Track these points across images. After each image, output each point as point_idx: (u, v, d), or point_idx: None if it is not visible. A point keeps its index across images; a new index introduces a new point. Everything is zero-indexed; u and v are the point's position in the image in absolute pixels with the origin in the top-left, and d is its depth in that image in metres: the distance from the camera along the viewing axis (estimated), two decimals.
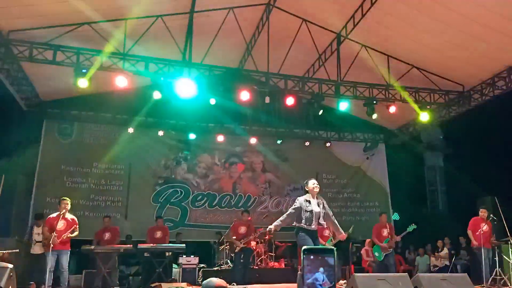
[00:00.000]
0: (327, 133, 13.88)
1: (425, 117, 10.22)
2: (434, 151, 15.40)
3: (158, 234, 9.28)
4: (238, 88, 9.43)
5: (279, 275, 9.73)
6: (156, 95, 9.08)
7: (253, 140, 12.98)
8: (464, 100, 10.60)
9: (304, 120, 12.00)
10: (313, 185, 5.85)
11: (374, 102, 10.05)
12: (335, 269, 3.42)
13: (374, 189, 14.10)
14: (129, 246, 8.82)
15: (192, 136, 12.44)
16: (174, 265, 9.53)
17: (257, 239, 9.91)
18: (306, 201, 5.75)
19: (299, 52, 10.31)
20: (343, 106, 10.07)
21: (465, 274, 5.76)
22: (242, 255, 8.90)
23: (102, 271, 8.38)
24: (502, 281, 7.72)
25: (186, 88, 8.68)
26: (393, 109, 10.32)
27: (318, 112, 10.05)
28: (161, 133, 12.23)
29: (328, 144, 13.59)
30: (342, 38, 9.90)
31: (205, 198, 12.90)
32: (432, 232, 11.70)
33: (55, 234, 6.92)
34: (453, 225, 11.26)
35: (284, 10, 9.64)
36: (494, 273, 7.80)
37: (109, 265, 8.49)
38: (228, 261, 9.99)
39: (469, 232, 8.43)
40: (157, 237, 9.23)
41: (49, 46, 8.53)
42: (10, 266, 5.26)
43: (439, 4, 7.86)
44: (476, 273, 8.03)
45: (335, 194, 13.75)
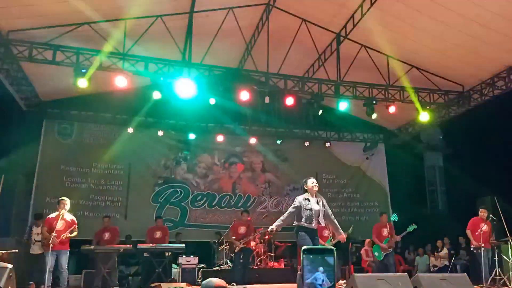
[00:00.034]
0: (327, 133, 13.88)
1: (425, 117, 10.23)
2: (433, 151, 15.37)
3: (157, 234, 9.28)
4: (238, 88, 9.44)
5: (279, 275, 9.74)
6: (155, 95, 9.09)
7: (252, 140, 12.98)
8: (464, 100, 10.61)
9: (303, 120, 12.01)
10: (312, 184, 5.85)
11: (374, 102, 10.06)
12: (335, 269, 3.41)
13: (373, 189, 14.11)
14: (128, 246, 8.82)
15: (191, 136, 12.44)
16: (173, 265, 9.53)
17: (257, 239, 9.92)
18: (305, 199, 5.76)
19: (299, 52, 10.32)
20: (343, 106, 10.09)
21: (465, 274, 5.77)
22: (241, 255, 8.90)
23: (102, 271, 8.39)
24: (502, 281, 7.71)
25: (185, 88, 8.68)
26: (392, 109, 10.33)
27: (317, 112, 10.06)
28: (160, 133, 12.24)
29: (327, 144, 13.60)
30: (341, 38, 9.91)
31: (205, 198, 12.90)
32: (432, 232, 11.69)
33: (54, 234, 6.91)
34: (453, 225, 11.24)
35: (283, 10, 9.65)
36: (494, 273, 7.79)
37: (108, 265, 8.50)
38: (228, 261, 9.99)
39: (468, 232, 8.41)
40: (156, 237, 9.22)
41: (49, 46, 8.53)
42: (10, 266, 5.25)
43: (438, 4, 7.87)
44: (476, 273, 8.03)
45: (335, 194, 13.75)
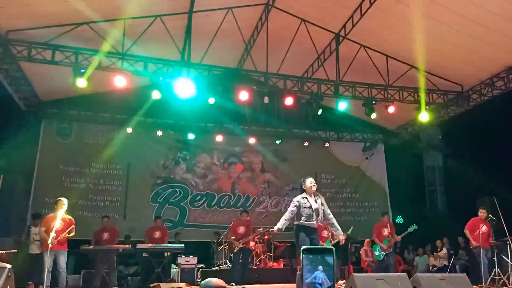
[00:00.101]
0: (326, 133, 13.88)
1: (425, 117, 10.22)
2: (433, 151, 15.37)
3: (157, 234, 9.28)
4: (237, 88, 9.42)
5: (278, 275, 9.73)
6: (155, 95, 9.07)
7: (252, 140, 12.97)
8: (463, 100, 10.61)
9: (303, 120, 12.01)
10: (310, 184, 5.86)
11: (373, 102, 10.05)
12: (335, 269, 3.40)
13: (373, 189, 14.10)
14: (127, 246, 8.80)
15: (191, 136, 12.43)
16: (173, 265, 9.52)
17: (256, 239, 9.91)
18: (304, 198, 5.78)
19: (298, 52, 10.30)
20: (342, 106, 10.09)
21: (464, 274, 5.76)
22: (241, 255, 8.89)
23: (101, 271, 8.38)
24: (501, 281, 7.71)
25: (185, 88, 8.66)
26: (392, 109, 10.31)
27: (317, 112, 10.05)
28: (160, 133, 12.23)
29: (327, 144, 13.60)
30: (341, 38, 9.90)
31: (204, 198, 12.89)
32: (431, 232, 11.68)
33: (53, 234, 6.90)
34: (452, 225, 11.22)
35: (283, 10, 9.64)
36: (493, 273, 7.80)
37: (107, 265, 8.48)
38: (227, 261, 9.99)
39: (466, 232, 8.40)
40: (156, 237, 9.22)
41: (48, 46, 8.52)
42: (8, 266, 5.23)
43: (438, 4, 7.87)
44: (475, 273, 8.03)
45: (334, 194, 13.75)
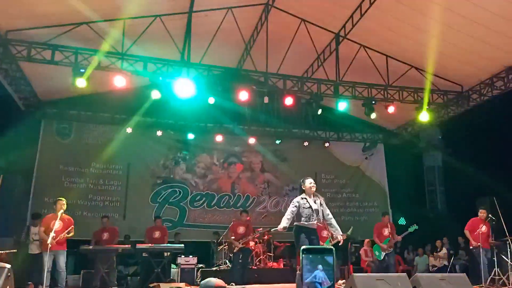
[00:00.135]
0: (326, 133, 13.88)
1: (425, 117, 10.21)
2: (432, 151, 15.37)
3: (156, 234, 9.28)
4: (237, 88, 9.42)
5: (278, 275, 9.73)
6: (154, 95, 9.06)
7: (252, 140, 12.97)
8: (463, 100, 10.61)
9: (303, 120, 12.00)
10: (310, 184, 5.85)
11: (373, 102, 10.05)
12: (334, 269, 3.40)
13: (373, 189, 14.10)
14: (127, 246, 8.81)
15: (190, 136, 12.42)
16: (172, 265, 9.52)
17: (256, 239, 9.91)
18: (303, 199, 5.78)
19: (298, 52, 10.29)
20: (342, 106, 10.08)
21: (464, 274, 5.75)
22: (240, 255, 8.89)
23: (100, 271, 8.38)
24: (501, 281, 7.71)
25: (184, 88, 8.65)
26: (391, 109, 10.30)
27: (317, 112, 10.04)
28: (159, 133, 12.22)
29: (327, 144, 13.59)
30: (340, 38, 9.90)
31: (204, 198, 12.88)
32: (431, 232, 11.68)
33: (53, 234, 6.89)
34: (452, 225, 11.22)
35: (282, 10, 9.63)
36: (493, 273, 7.80)
37: (107, 265, 8.48)
38: (227, 261, 9.99)
39: (466, 232, 8.41)
40: (155, 237, 9.21)
41: (47, 46, 8.51)
42: (8, 266, 5.23)
43: (437, 4, 7.86)
44: (475, 273, 8.03)
45: (334, 194, 13.75)
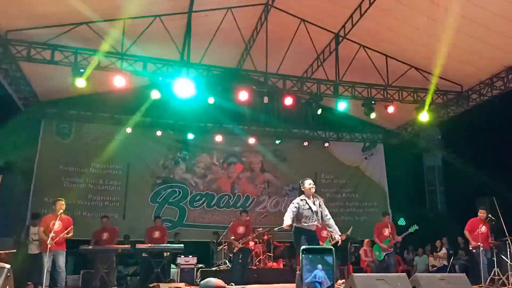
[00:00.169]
0: (326, 133, 13.87)
1: (425, 117, 10.22)
2: (432, 151, 15.37)
3: (156, 234, 9.27)
4: (237, 88, 9.42)
5: (278, 275, 9.73)
6: (154, 95, 9.07)
7: (251, 140, 12.96)
8: (463, 100, 10.61)
9: (302, 120, 12.02)
10: (309, 185, 5.85)
11: (373, 102, 10.05)
12: (334, 269, 3.40)
13: (372, 189, 14.10)
14: (127, 246, 8.81)
15: (190, 136, 12.42)
16: (172, 265, 9.52)
17: (256, 239, 9.91)
18: (302, 200, 5.78)
19: (298, 52, 10.30)
20: (342, 106, 10.09)
21: (463, 274, 5.75)
22: (240, 255, 8.89)
23: (100, 271, 8.38)
24: (500, 281, 7.72)
25: (184, 88, 8.66)
26: (391, 109, 10.31)
27: (316, 112, 10.06)
28: (159, 133, 12.21)
29: (326, 144, 13.59)
30: (340, 38, 9.90)
31: (204, 198, 12.88)
32: (431, 232, 11.69)
33: (52, 234, 6.90)
34: (452, 225, 11.22)
35: (282, 10, 9.64)
36: (493, 273, 7.80)
37: (107, 265, 8.48)
38: (227, 261, 9.99)
39: (466, 232, 8.41)
40: (155, 237, 9.22)
41: (47, 46, 8.51)
42: (8, 266, 5.23)
43: (437, 4, 7.87)
44: (475, 273, 8.03)
45: (334, 194, 13.75)
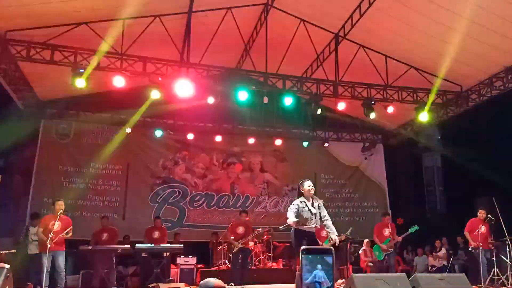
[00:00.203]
0: (325, 133, 13.87)
1: (425, 117, 10.22)
2: (432, 151, 15.37)
3: (156, 234, 9.28)
4: (236, 88, 9.42)
5: (277, 275, 9.74)
6: (154, 95, 9.07)
7: (251, 140, 12.95)
8: (462, 100, 10.61)
9: (302, 120, 12.01)
10: (308, 187, 5.86)
11: (372, 102, 10.05)
12: (334, 269, 3.40)
13: (372, 189, 14.09)
14: (127, 246, 8.81)
15: (190, 136, 12.43)
16: (172, 266, 9.51)
17: (255, 239, 9.91)
18: (302, 202, 5.80)
19: (297, 52, 10.29)
20: (341, 106, 10.10)
21: (463, 274, 5.74)
22: (240, 256, 8.90)
23: (100, 271, 8.37)
24: (500, 281, 7.72)
25: (184, 88, 8.66)
26: (391, 109, 10.31)
27: (316, 112, 10.06)
28: (159, 133, 12.21)
29: (326, 144, 13.58)
30: (340, 38, 9.89)
31: (203, 199, 12.87)
32: (430, 232, 11.70)
33: (52, 234, 6.90)
34: (451, 225, 11.25)
35: (282, 10, 9.63)
36: (492, 273, 7.81)
37: (106, 265, 8.47)
38: (226, 261, 9.99)
39: (466, 233, 8.44)
40: (155, 237, 9.22)
41: (47, 46, 8.49)
42: (7, 266, 5.23)
43: (436, 5, 7.87)
44: (474, 273, 8.04)
45: (333, 194, 13.75)
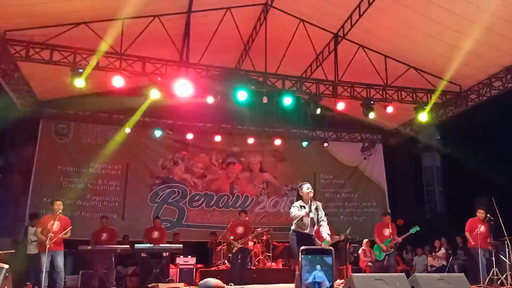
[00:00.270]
0: (325, 133, 13.88)
1: (424, 117, 10.22)
2: (431, 151, 15.40)
3: (155, 234, 9.28)
4: (236, 88, 9.42)
5: (277, 275, 9.74)
6: (153, 95, 9.06)
7: (250, 140, 12.94)
8: (461, 100, 10.61)
9: (301, 120, 12.01)
10: (307, 190, 5.87)
11: (372, 102, 10.05)
12: (333, 269, 3.40)
13: (371, 189, 14.10)
14: (126, 246, 8.79)
15: (189, 136, 12.43)
16: (171, 266, 9.50)
17: (255, 239, 9.91)
18: (301, 206, 5.81)
19: (297, 52, 10.28)
20: (341, 106, 10.10)
21: (462, 274, 5.74)
22: (239, 256, 8.89)
23: (99, 271, 8.36)
24: (499, 281, 7.73)
25: (183, 88, 8.66)
26: (390, 109, 10.31)
27: (315, 112, 10.06)
28: (158, 133, 12.21)
29: (325, 144, 13.58)
30: (339, 38, 9.89)
31: (203, 199, 12.87)
32: (430, 232, 11.71)
33: (51, 234, 6.90)
34: (451, 225, 11.26)
35: (281, 10, 9.63)
36: (491, 273, 7.81)
37: (106, 265, 8.46)
38: (226, 261, 9.99)
39: (466, 234, 8.44)
40: (154, 237, 9.22)
41: (46, 45, 8.48)
42: (6, 266, 5.23)
43: (436, 4, 7.87)
44: (473, 273, 8.05)
45: (333, 194, 13.76)
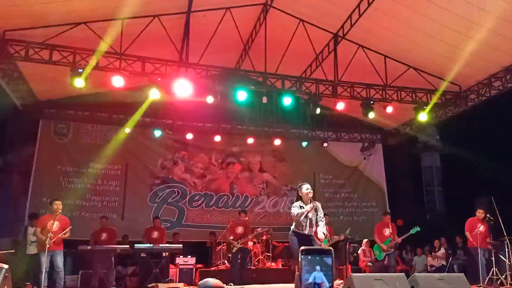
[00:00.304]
0: (324, 133, 13.87)
1: (424, 117, 10.22)
2: (431, 151, 15.41)
3: (155, 234, 9.28)
4: (235, 88, 9.42)
5: (276, 275, 9.74)
6: (153, 95, 9.06)
7: (250, 140, 12.94)
8: (461, 100, 10.62)
9: (301, 120, 12.01)
10: (306, 191, 5.88)
11: (371, 102, 10.06)
12: (333, 269, 3.40)
13: (371, 189, 14.10)
14: (126, 246, 8.79)
15: (189, 136, 12.43)
16: (171, 266, 9.50)
17: (254, 239, 9.91)
18: (301, 207, 5.82)
19: (296, 52, 10.28)
20: (340, 106, 10.10)
21: (462, 274, 5.74)
22: (239, 256, 8.89)
23: (99, 271, 8.36)
24: (499, 281, 7.73)
25: (183, 88, 8.66)
26: (390, 109, 10.32)
27: (315, 112, 10.06)
28: (158, 133, 12.21)
29: (325, 144, 13.58)
30: (339, 38, 9.89)
31: (202, 199, 12.87)
32: (429, 232, 11.71)
33: (50, 234, 6.89)
34: (450, 225, 11.27)
35: (281, 10, 9.63)
36: (491, 273, 7.81)
37: (105, 265, 8.46)
38: (225, 261, 9.99)
39: (467, 234, 8.44)
40: (154, 237, 9.22)
41: (45, 45, 8.48)
42: (6, 266, 5.22)
43: (435, 4, 7.87)
44: (473, 273, 8.04)
45: (332, 194, 13.76)
